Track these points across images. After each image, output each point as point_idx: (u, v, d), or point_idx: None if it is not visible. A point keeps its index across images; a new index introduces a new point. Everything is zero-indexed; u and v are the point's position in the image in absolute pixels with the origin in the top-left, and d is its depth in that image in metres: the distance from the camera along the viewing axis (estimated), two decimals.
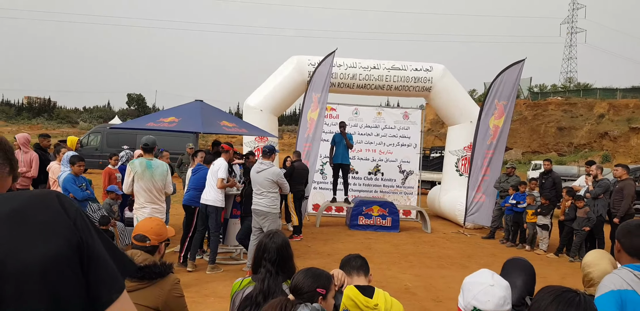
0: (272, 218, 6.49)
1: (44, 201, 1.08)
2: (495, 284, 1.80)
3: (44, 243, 1.01)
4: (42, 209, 1.05)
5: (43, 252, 1.00)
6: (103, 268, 1.10)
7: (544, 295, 1.58)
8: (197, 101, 8.10)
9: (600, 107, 35.78)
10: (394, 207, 10.25)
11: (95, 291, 1.07)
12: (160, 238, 2.56)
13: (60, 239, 1.03)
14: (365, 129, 11.94)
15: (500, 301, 1.76)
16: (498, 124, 10.15)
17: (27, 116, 60.57)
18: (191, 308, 4.71)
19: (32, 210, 1.04)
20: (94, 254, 1.08)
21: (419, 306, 5.25)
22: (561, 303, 1.52)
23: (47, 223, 1.04)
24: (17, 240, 0.99)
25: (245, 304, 2.40)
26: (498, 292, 1.78)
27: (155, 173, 5.51)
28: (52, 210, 1.06)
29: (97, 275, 1.08)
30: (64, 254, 1.02)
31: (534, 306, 1.58)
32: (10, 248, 0.98)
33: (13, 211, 1.03)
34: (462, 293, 1.85)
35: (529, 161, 29.65)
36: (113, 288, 1.10)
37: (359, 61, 11.69)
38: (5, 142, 1.26)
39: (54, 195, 1.12)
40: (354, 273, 2.59)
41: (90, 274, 1.06)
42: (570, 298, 1.53)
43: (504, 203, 9.37)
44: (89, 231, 1.09)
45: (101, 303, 1.08)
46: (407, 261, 7.50)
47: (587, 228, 7.88)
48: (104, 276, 1.09)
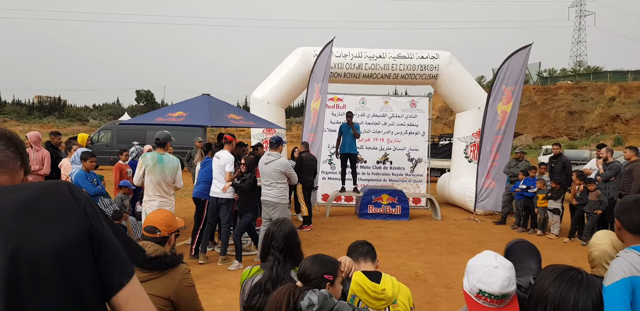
0: (282, 208, 6.55)
1: (55, 190, 1.13)
2: (499, 265, 1.82)
3: (57, 230, 1.06)
4: (54, 198, 1.11)
5: (56, 238, 1.05)
6: (113, 253, 1.15)
7: (547, 274, 1.59)
8: (204, 95, 8.15)
9: (611, 90, 35.32)
10: (404, 195, 10.26)
11: (106, 275, 1.13)
12: (170, 229, 2.61)
13: (71, 225, 1.08)
14: (372, 119, 11.93)
15: (505, 282, 1.78)
16: (506, 109, 10.08)
17: (38, 115, 61.15)
18: (203, 299, 4.78)
19: (44, 199, 1.10)
20: (104, 240, 1.13)
21: (430, 293, 5.29)
22: (563, 281, 1.53)
23: (58, 211, 1.09)
24: (31, 227, 1.04)
25: (255, 291, 2.45)
26: (502, 273, 1.79)
27: (166, 167, 5.59)
28: (63, 199, 1.12)
29: (108, 259, 1.13)
30: (76, 239, 1.08)
31: (537, 285, 1.59)
32: (25, 235, 1.03)
33: (27, 200, 1.08)
34: (467, 277, 1.86)
35: (540, 146, 29.44)
36: (123, 273, 1.15)
37: (364, 50, 11.65)
38: (16, 137, 1.30)
39: (64, 185, 1.17)
40: (361, 259, 2.61)
41: (101, 259, 1.12)
42: (573, 276, 1.55)
43: (514, 188, 9.35)
44: (98, 219, 1.15)
45: (112, 287, 1.13)
46: (418, 248, 7.53)
47: (599, 211, 7.85)
48: (114, 261, 1.14)
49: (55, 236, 1.05)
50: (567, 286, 1.53)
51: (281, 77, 11.52)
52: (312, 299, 1.97)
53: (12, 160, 1.25)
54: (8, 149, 1.24)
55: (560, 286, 1.53)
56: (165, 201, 5.64)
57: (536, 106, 37.93)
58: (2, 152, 1.22)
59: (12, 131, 1.35)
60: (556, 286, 1.54)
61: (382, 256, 6.83)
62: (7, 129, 1.33)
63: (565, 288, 1.53)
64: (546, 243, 8.04)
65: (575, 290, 1.52)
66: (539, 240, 8.10)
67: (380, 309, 2.38)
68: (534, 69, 43.69)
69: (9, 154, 1.24)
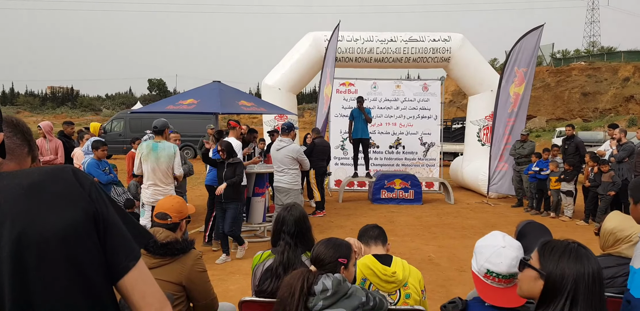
0: (294, 194, 6.57)
1: (59, 175, 1.14)
2: (507, 245, 1.81)
3: (62, 213, 1.07)
4: (59, 183, 1.11)
5: (61, 221, 1.05)
6: (119, 236, 1.15)
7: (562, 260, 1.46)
8: (214, 82, 8.15)
9: (625, 71, 34.61)
10: (416, 179, 10.23)
11: (112, 258, 1.13)
12: (181, 215, 2.63)
13: (76, 209, 1.09)
14: (384, 103, 11.84)
15: (513, 261, 1.76)
16: (518, 91, 9.95)
17: (52, 106, 61.70)
18: (217, 285, 4.85)
19: (48, 183, 1.10)
20: (110, 224, 1.14)
21: (443, 276, 5.30)
22: (584, 263, 1.46)
23: (63, 195, 1.09)
24: (36, 211, 1.05)
25: (266, 276, 2.47)
26: (510, 253, 1.78)
27: (161, 155, 5.57)
28: (67, 183, 1.12)
29: (114, 243, 1.13)
30: (81, 223, 1.08)
31: (558, 275, 1.49)
32: (30, 219, 1.04)
33: (31, 185, 1.08)
34: (475, 257, 1.86)
35: (554, 129, 29.09)
36: (130, 256, 1.16)
37: (376, 34, 11.53)
38: (23, 124, 1.31)
39: (69, 169, 1.18)
40: (371, 242, 2.62)
41: (107, 242, 1.12)
42: (584, 253, 1.48)
43: (527, 170, 9.26)
44: (103, 202, 1.15)
45: (119, 270, 1.14)
46: (431, 232, 7.53)
47: (612, 193, 7.76)
48: (120, 244, 1.15)
49: (61, 220, 1.06)
50: (589, 266, 1.46)
51: (292, 63, 11.47)
52: (327, 284, 1.98)
53: (19, 147, 1.25)
54: (15, 136, 1.24)
55: (586, 269, 1.46)
56: (160, 190, 5.56)
57: (550, 88, 37.35)
58: (9, 139, 1.22)
59: (19, 118, 1.35)
60: (583, 270, 1.46)
61: (395, 240, 6.84)
62: (14, 116, 1.33)
63: (590, 269, 1.46)
64: (559, 225, 7.99)
65: (595, 264, 1.47)
66: (552, 222, 8.05)
67: (391, 292, 2.39)
68: (547, 51, 42.92)
69: (16, 141, 1.24)
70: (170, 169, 5.67)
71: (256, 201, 7.24)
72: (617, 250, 2.50)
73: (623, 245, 2.49)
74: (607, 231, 2.55)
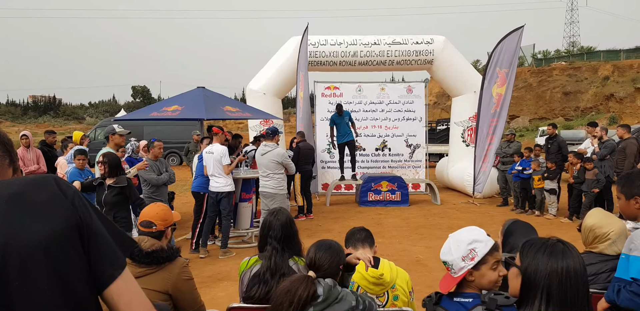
0: (280, 199, 6.56)
1: (41, 184, 1.11)
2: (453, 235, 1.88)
3: (44, 223, 1.05)
4: (40, 192, 1.09)
5: (43, 231, 1.04)
6: (104, 245, 1.13)
7: (536, 256, 1.53)
8: (199, 88, 8.12)
9: (604, 70, 35.23)
10: (403, 181, 10.28)
11: (97, 267, 1.11)
12: (166, 223, 2.61)
13: (58, 218, 1.07)
14: (369, 106, 11.88)
15: (444, 249, 1.85)
16: (501, 92, 10.06)
17: (34, 115, 60.85)
18: (205, 292, 4.82)
19: (30, 193, 1.08)
20: (93, 232, 1.12)
21: (430, 277, 5.32)
22: (559, 258, 1.51)
23: (45, 204, 1.07)
24: (17, 222, 1.03)
25: (254, 282, 2.46)
26: (447, 242, 1.86)
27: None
28: (49, 192, 1.10)
29: (98, 251, 1.12)
30: (64, 232, 1.06)
31: (532, 270, 1.53)
32: (11, 230, 1.02)
33: (12, 195, 1.06)
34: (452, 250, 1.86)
35: (536, 128, 29.45)
36: (115, 264, 1.14)
37: (359, 37, 11.59)
38: (4, 135, 1.28)
39: (51, 178, 1.15)
40: (359, 245, 2.63)
41: (92, 251, 1.10)
42: (561, 249, 1.53)
43: (510, 170, 9.37)
44: (87, 211, 1.13)
45: (104, 279, 1.12)
46: (418, 233, 7.56)
47: (596, 190, 7.87)
48: (105, 252, 1.13)
49: (43, 229, 1.04)
50: (563, 261, 1.50)
51: (277, 68, 11.48)
52: (318, 290, 1.97)
53: (0, 159, 1.23)
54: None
55: (559, 264, 1.50)
56: None
57: (532, 88, 37.83)
58: None
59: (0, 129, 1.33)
60: (555, 265, 1.50)
61: (383, 242, 6.86)
62: None
63: (563, 263, 1.50)
64: (544, 223, 8.08)
65: (571, 262, 1.50)
66: (537, 221, 8.14)
67: (379, 294, 2.40)
68: (528, 51, 43.47)
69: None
70: None
71: (243, 207, 7.22)
72: (599, 249, 2.53)
73: (602, 244, 2.52)
74: (587, 228, 2.59)
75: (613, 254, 2.47)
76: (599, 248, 2.54)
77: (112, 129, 5.69)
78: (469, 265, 1.74)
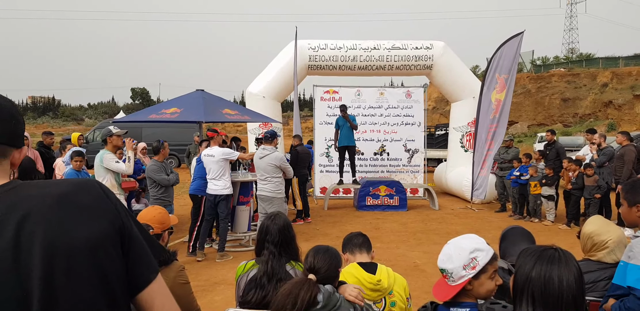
0: (278, 202, 6.54)
1: (87, 187, 1.16)
2: (452, 242, 1.85)
3: (91, 224, 1.08)
4: (87, 194, 1.13)
5: (90, 232, 1.07)
6: (141, 249, 1.18)
7: (526, 259, 1.60)
8: (198, 91, 8.11)
9: (603, 77, 35.35)
10: (401, 186, 10.27)
11: (135, 270, 1.16)
12: (164, 226, 2.60)
13: (104, 221, 1.11)
14: (368, 110, 11.89)
15: (443, 257, 1.82)
16: (500, 97, 10.07)
17: (32, 116, 60.88)
18: (202, 296, 4.79)
19: (77, 195, 1.11)
20: (133, 237, 1.17)
21: (428, 283, 5.29)
22: (544, 263, 1.54)
23: (92, 207, 1.11)
24: (67, 221, 1.06)
25: (250, 286, 2.44)
26: (446, 249, 1.84)
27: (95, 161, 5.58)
28: (95, 195, 1.14)
29: (137, 255, 1.17)
30: (109, 234, 1.11)
31: (519, 272, 1.59)
32: (61, 228, 1.05)
33: (61, 195, 1.09)
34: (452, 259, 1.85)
35: (535, 134, 29.50)
36: (150, 268, 1.20)
37: (359, 42, 11.61)
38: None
39: (96, 183, 1.20)
40: (356, 250, 2.61)
41: (130, 254, 1.15)
42: (550, 255, 1.56)
43: (509, 176, 9.37)
44: (127, 216, 1.18)
45: (140, 282, 1.16)
46: (416, 238, 7.55)
47: (598, 196, 7.88)
48: (142, 256, 1.18)
49: (90, 231, 1.07)
50: (548, 267, 1.54)
51: (277, 71, 11.49)
52: (318, 297, 1.95)
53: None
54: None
55: (542, 268, 1.54)
56: None
57: (530, 94, 37.94)
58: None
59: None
60: (538, 269, 1.54)
61: (380, 247, 6.84)
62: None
63: (547, 269, 1.54)
64: (542, 230, 8.07)
65: (556, 269, 1.53)
66: (535, 227, 8.13)
67: (376, 300, 2.38)
68: (527, 58, 43.63)
69: None
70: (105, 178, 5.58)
71: (241, 210, 7.20)
72: (598, 257, 2.52)
73: (601, 252, 2.51)
74: (586, 235, 2.58)
75: (612, 262, 2.46)
76: (597, 256, 2.53)
77: (109, 131, 5.66)
78: (469, 273, 1.72)
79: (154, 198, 6.02)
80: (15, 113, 1.19)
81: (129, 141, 5.92)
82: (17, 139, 1.19)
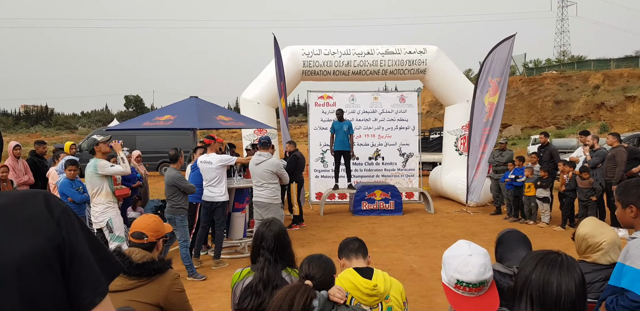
0: (275, 209, 6.52)
1: (29, 200, 1.06)
2: (474, 253, 1.81)
3: (22, 240, 0.99)
4: (26, 207, 1.04)
5: (19, 249, 0.97)
6: (86, 269, 1.07)
7: (528, 261, 1.60)
8: (191, 98, 8.11)
9: (595, 79, 35.63)
10: (396, 190, 10.27)
11: (77, 292, 1.04)
12: (158, 234, 2.58)
13: (40, 237, 1.01)
14: (363, 115, 11.92)
15: (481, 269, 1.77)
16: (493, 101, 10.11)
17: (25, 125, 60.63)
18: (198, 303, 4.77)
19: (15, 208, 1.02)
20: (77, 255, 1.05)
21: (425, 287, 5.29)
22: (545, 266, 1.55)
23: (27, 221, 1.01)
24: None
25: (246, 294, 2.42)
26: (477, 261, 1.79)
27: (86, 171, 5.49)
28: (35, 208, 1.04)
29: (80, 276, 1.05)
30: (42, 252, 1.00)
31: (520, 274, 1.60)
32: None
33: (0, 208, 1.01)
34: (444, 268, 1.84)
35: (529, 136, 29.64)
36: (96, 291, 1.07)
37: (353, 47, 11.65)
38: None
39: (41, 194, 1.09)
40: (352, 255, 2.60)
41: (72, 275, 1.04)
42: (553, 259, 1.56)
43: (503, 178, 9.40)
44: (74, 231, 1.07)
45: (83, 306, 1.05)
46: (412, 242, 7.54)
47: (594, 198, 7.92)
48: (86, 278, 1.06)
49: (19, 247, 0.97)
50: (548, 270, 1.54)
51: (271, 77, 11.48)
52: (313, 303, 1.95)
53: None
54: None
55: (542, 271, 1.54)
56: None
57: (523, 97, 38.16)
58: None
59: None
60: (538, 272, 1.55)
61: (377, 251, 6.83)
62: None
63: (547, 272, 1.54)
64: (537, 232, 8.09)
65: (557, 273, 1.53)
66: (530, 229, 8.16)
67: (373, 305, 2.37)
68: (519, 60, 43.94)
69: None
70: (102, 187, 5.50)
71: (236, 217, 7.18)
72: (592, 259, 2.53)
73: (595, 254, 2.52)
74: (580, 237, 2.59)
75: (606, 263, 2.47)
76: (592, 257, 2.54)
77: (94, 140, 5.57)
78: None
79: (176, 207, 5.90)
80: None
81: (115, 143, 5.88)
82: None
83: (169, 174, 6.00)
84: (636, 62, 36.49)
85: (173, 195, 5.95)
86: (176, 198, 5.93)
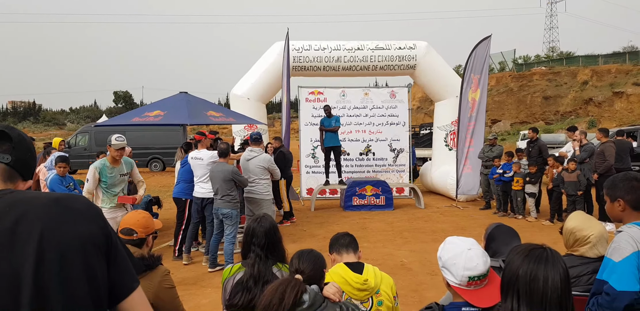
0: (266, 204, 6.52)
1: (78, 197, 1.25)
2: (470, 246, 1.83)
3: (83, 225, 1.16)
4: (79, 203, 1.21)
5: (83, 231, 1.15)
6: (125, 260, 1.25)
7: (514, 257, 1.62)
8: (181, 93, 8.05)
9: (583, 74, 35.89)
10: (387, 185, 10.31)
11: (118, 279, 1.21)
12: (148, 231, 2.57)
13: (95, 225, 1.18)
14: (353, 111, 11.93)
15: (484, 258, 1.80)
16: (475, 97, 10.33)
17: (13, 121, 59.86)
18: (189, 299, 4.76)
19: (70, 200, 1.19)
20: (118, 248, 1.23)
21: (415, 281, 5.33)
22: (531, 261, 1.57)
23: (84, 213, 1.19)
24: (60, 218, 1.13)
25: (237, 290, 2.42)
26: (477, 251, 1.81)
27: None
28: (85, 203, 1.22)
29: (120, 265, 1.22)
30: (99, 237, 1.17)
31: (506, 269, 1.61)
32: (55, 223, 1.12)
33: (58, 198, 1.19)
34: (449, 271, 1.81)
35: (518, 132, 29.84)
36: (133, 278, 1.26)
37: (343, 43, 11.64)
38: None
39: (82, 196, 1.31)
40: (343, 250, 2.61)
41: (114, 264, 1.21)
42: (539, 254, 1.59)
43: (491, 174, 9.47)
44: (112, 229, 1.25)
45: (124, 290, 1.22)
46: (402, 237, 7.59)
47: (580, 192, 8.01)
48: (126, 267, 1.24)
49: (81, 230, 1.14)
50: (535, 265, 1.57)
51: (261, 73, 11.46)
52: (304, 297, 1.95)
53: None
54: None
55: (529, 266, 1.57)
56: None
57: (513, 93, 38.35)
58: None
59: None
60: (525, 267, 1.57)
61: (367, 247, 6.86)
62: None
63: (534, 268, 1.56)
64: (526, 226, 8.17)
65: (542, 268, 1.55)
66: (519, 223, 8.23)
67: (363, 300, 2.39)
68: (509, 57, 44.14)
69: None
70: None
71: None
72: (580, 252, 2.56)
73: (583, 247, 2.55)
74: (568, 231, 2.61)
75: (594, 257, 2.50)
76: (579, 251, 2.57)
77: (109, 139, 5.40)
78: None
79: (234, 202, 5.72)
80: (32, 148, 1.34)
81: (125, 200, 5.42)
82: (27, 170, 1.31)
83: (224, 169, 5.85)
84: (624, 58, 36.79)
85: (231, 189, 5.87)
86: (234, 192, 5.88)
